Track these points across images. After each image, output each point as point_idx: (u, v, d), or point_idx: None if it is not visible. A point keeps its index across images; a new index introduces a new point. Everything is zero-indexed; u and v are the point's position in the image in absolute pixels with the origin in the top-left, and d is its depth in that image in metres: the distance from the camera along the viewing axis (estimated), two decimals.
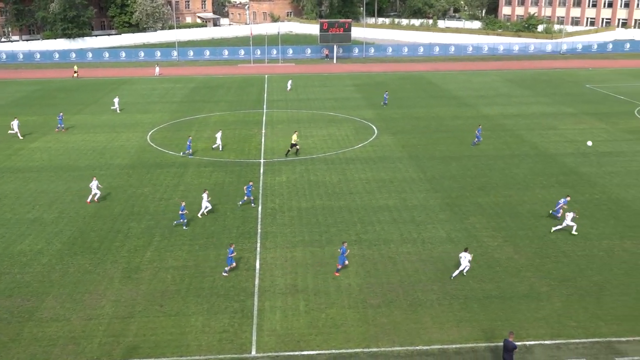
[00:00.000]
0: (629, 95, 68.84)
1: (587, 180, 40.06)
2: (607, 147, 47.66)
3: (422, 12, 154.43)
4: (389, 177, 40.84)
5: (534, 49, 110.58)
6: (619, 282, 26.81)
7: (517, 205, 35.72)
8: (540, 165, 43.38)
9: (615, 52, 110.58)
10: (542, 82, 79.36)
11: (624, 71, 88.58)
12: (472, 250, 29.84)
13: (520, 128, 54.07)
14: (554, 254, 29.56)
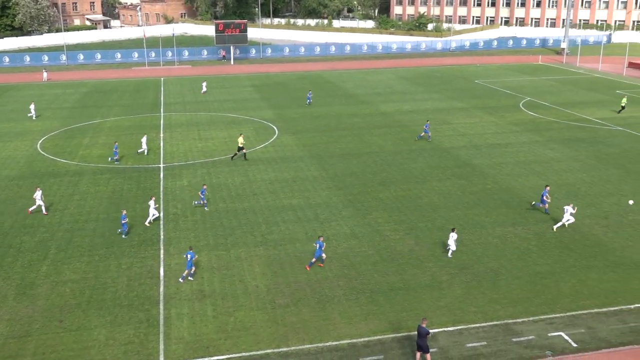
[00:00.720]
0: (514, 89, 72.70)
1: (480, 171, 41.94)
2: (497, 139, 50.10)
3: (317, 12, 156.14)
4: (292, 177, 41.02)
5: (425, 47, 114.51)
6: (512, 266, 28.27)
7: (417, 199, 36.86)
8: (436, 159, 44.96)
9: (500, 48, 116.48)
10: (434, 78, 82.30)
11: (509, 66, 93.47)
12: (375, 245, 30.53)
13: (416, 124, 55.82)
14: None
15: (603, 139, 49.92)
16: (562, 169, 42.22)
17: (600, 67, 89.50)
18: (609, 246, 30.24)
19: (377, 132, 52.85)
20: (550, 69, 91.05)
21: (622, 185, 38.75)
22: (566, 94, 69.65)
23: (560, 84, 76.99)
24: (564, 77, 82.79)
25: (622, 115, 58.05)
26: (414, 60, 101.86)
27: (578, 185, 38.94)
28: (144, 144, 46.25)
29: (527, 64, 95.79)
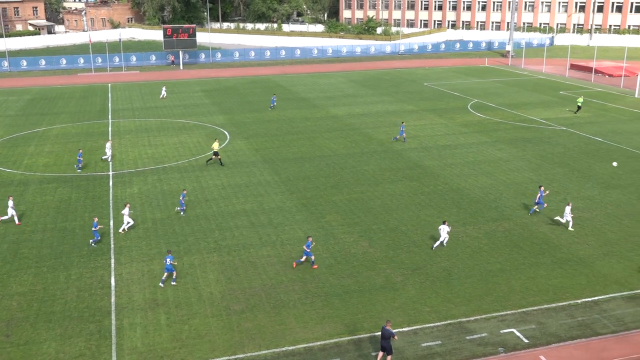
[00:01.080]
0: (462, 92, 74.07)
1: (431, 172, 42.53)
2: (447, 141, 50.91)
3: (266, 16, 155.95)
4: (245, 182, 40.79)
5: (374, 50, 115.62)
6: (464, 265, 28.74)
7: (369, 201, 37.13)
8: (387, 161, 45.39)
9: (448, 51, 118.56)
10: (384, 81, 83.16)
11: (456, 69, 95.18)
12: (330, 248, 30.61)
13: (367, 126, 56.27)
14: (405, 244, 31.07)
15: (548, 138, 51.29)
16: (510, 168, 43.18)
17: (544, 69, 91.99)
18: (556, 243, 31.05)
19: (329, 135, 53.05)
20: (496, 71, 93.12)
21: (567, 184, 39.87)
22: (512, 95, 71.32)
23: (506, 85, 78.81)
24: (509, 78, 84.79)
25: (565, 116, 59.78)
26: (363, 64, 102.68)
27: (526, 184, 39.88)
28: (108, 150, 45.36)
29: (474, 67, 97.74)
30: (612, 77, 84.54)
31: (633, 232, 32.21)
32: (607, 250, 30.23)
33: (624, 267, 28.38)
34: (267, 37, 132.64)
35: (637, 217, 34.20)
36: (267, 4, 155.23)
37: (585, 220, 33.78)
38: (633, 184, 39.62)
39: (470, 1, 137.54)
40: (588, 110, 62.56)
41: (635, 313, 24.56)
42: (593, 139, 50.74)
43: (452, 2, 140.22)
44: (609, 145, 48.80)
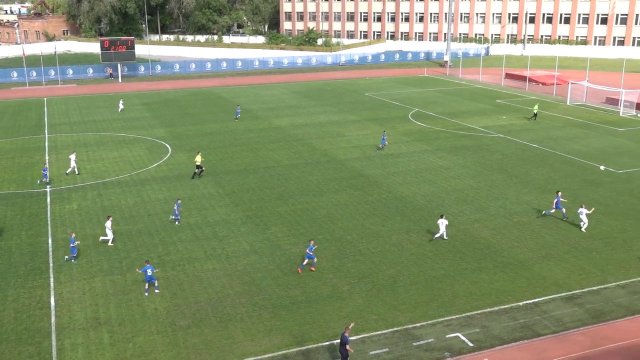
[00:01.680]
0: (402, 101, 75.25)
1: (374, 181, 42.97)
2: (389, 150, 51.56)
3: (206, 28, 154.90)
4: (188, 195, 40.25)
5: (316, 62, 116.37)
6: (409, 272, 29.10)
7: (314, 211, 37.20)
8: (331, 171, 45.64)
9: (388, 62, 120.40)
10: (326, 92, 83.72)
11: (396, 79, 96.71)
12: (276, 259, 30.49)
13: (311, 137, 56.47)
14: (351, 253, 31.24)
15: (486, 146, 52.61)
16: (451, 175, 44.06)
17: (480, 78, 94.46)
18: (497, 248, 31.81)
19: (272, 146, 52.96)
20: (435, 80, 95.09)
21: (506, 189, 40.94)
22: (451, 104, 72.92)
23: (444, 94, 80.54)
24: (448, 88, 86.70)
25: (502, 124, 61.49)
26: (305, 75, 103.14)
27: (466, 190, 40.75)
28: (72, 161, 44.46)
29: (414, 77, 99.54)
30: (545, 85, 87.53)
31: (568, 235, 33.30)
32: (546, 253, 31.15)
33: (562, 269, 29.30)
34: (208, 49, 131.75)
35: (572, 219, 35.38)
36: (207, 15, 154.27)
37: (524, 225, 34.74)
38: (567, 188, 41.00)
39: (408, 13, 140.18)
40: (524, 118, 64.52)
41: (573, 313, 25.36)
42: (529, 146, 52.33)
43: (390, 14, 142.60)
44: (544, 152, 50.43)
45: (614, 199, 38.90)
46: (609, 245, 31.89)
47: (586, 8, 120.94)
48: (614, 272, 28.91)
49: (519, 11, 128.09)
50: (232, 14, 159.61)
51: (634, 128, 59.23)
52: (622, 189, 40.79)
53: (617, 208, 37.24)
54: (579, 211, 33.90)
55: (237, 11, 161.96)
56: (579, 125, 60.14)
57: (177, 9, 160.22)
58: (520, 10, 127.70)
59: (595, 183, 42.00)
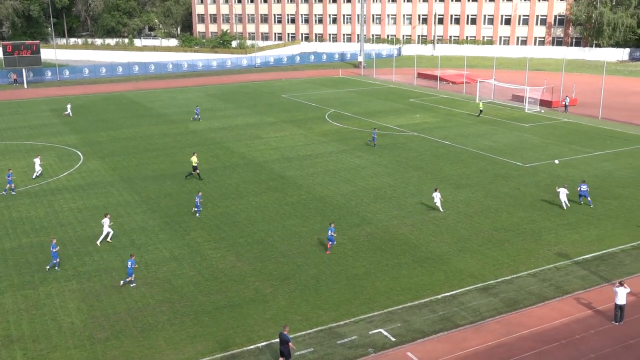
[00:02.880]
0: (318, 102, 75.83)
1: (294, 182, 43.07)
2: (307, 151, 51.84)
3: (116, 31, 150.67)
4: (103, 203, 39.01)
5: (231, 64, 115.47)
6: (331, 271, 29.34)
7: (234, 215, 36.89)
8: (250, 173, 45.40)
9: (303, 63, 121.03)
10: (242, 94, 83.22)
11: (311, 80, 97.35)
12: (197, 265, 30.03)
13: (228, 140, 55.98)
14: (273, 255, 31.18)
15: (402, 144, 53.81)
16: (369, 174, 44.78)
17: (393, 78, 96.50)
18: (415, 243, 32.58)
19: (189, 150, 52.10)
20: (350, 81, 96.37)
21: (421, 186, 42.00)
22: (366, 104, 74.12)
23: (360, 95, 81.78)
24: (363, 88, 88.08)
25: (416, 122, 63.08)
26: (220, 78, 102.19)
27: (384, 189, 41.53)
28: (37, 165, 44.21)
29: (329, 77, 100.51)
30: (455, 84, 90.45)
31: (482, 228, 34.55)
32: (461, 246, 32.19)
33: (477, 261, 30.36)
34: (119, 52, 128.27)
35: (485, 213, 36.74)
36: (116, 18, 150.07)
37: (440, 220, 35.75)
38: (479, 182, 42.53)
39: (321, 15, 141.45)
40: (436, 115, 66.42)
41: (489, 303, 26.33)
42: (442, 143, 53.92)
43: (304, 16, 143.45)
44: (457, 148, 52.09)
45: (522, 191, 40.67)
46: (520, 236, 33.31)
47: (491, 9, 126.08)
48: (525, 262, 30.22)
49: (428, 13, 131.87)
50: (142, 17, 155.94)
51: (538, 123, 62.16)
52: (529, 181, 42.71)
53: (526, 200, 38.96)
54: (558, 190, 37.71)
55: (148, 13, 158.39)
56: (488, 122, 62.50)
57: (85, 11, 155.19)
58: (429, 11, 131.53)
59: (505, 177, 43.77)
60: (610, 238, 32.94)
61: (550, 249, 31.58)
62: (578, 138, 55.51)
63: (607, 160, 47.91)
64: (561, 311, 25.59)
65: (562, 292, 27.19)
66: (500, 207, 37.83)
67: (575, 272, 29.06)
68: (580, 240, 32.64)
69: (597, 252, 31.18)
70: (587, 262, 30.17)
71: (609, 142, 53.87)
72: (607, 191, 40.39)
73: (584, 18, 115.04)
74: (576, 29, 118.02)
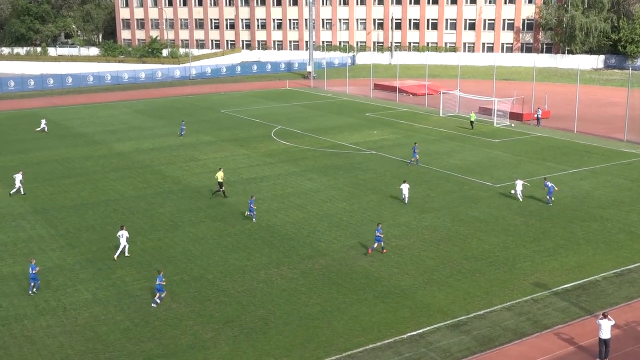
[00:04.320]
0: (263, 118, 75.90)
1: (237, 210, 42.80)
2: (251, 173, 51.68)
3: (27, 38, 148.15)
4: (12, 239, 37.95)
5: (162, 76, 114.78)
6: (281, 311, 29.12)
7: (168, 249, 36.37)
8: (186, 201, 44.94)
9: (244, 74, 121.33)
10: (176, 110, 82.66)
11: (255, 93, 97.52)
12: (124, 308, 29.40)
13: (160, 163, 55.38)
14: (214, 295, 30.80)
15: (359, 164, 54.21)
16: (322, 199, 44.88)
17: (347, 90, 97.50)
18: (376, 276, 32.68)
19: (114, 175, 51.34)
20: (298, 94, 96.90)
21: (381, 211, 42.30)
22: (317, 120, 74.56)
23: (310, 109, 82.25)
24: (313, 102, 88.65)
25: (374, 139, 63.73)
26: (150, 91, 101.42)
27: (340, 215, 41.64)
28: (17, 181, 46.36)
29: (274, 90, 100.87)
30: (417, 95, 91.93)
31: (450, 257, 34.93)
32: (428, 278, 32.44)
33: (446, 295, 30.61)
34: (30, 63, 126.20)
35: (453, 240, 37.19)
36: (26, 24, 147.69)
37: (404, 249, 36.01)
38: (446, 206, 43.10)
39: (264, 19, 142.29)
40: (396, 131, 67.25)
41: (460, 342, 26.52)
42: (403, 162, 54.52)
43: (245, 21, 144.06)
44: (419, 168, 52.75)
45: (493, 214, 41.38)
46: (492, 265, 33.80)
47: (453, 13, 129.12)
48: (498, 294, 30.63)
49: (384, 17, 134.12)
50: (58, 22, 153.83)
51: (508, 139, 63.59)
52: (500, 204, 43.50)
53: (498, 224, 39.64)
54: (516, 182, 43.36)
55: (64, 18, 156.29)
56: (454, 138, 63.61)
57: None
58: (385, 15, 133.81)
59: (474, 199, 44.48)
60: (591, 265, 33.74)
61: (526, 279, 32.12)
62: (552, 154, 56.99)
63: (585, 178, 49.28)
64: (540, 348, 25.96)
65: (541, 327, 27.62)
66: (469, 232, 38.36)
67: (555, 303, 29.60)
68: (559, 268, 33.32)
69: (577, 281, 31.87)
70: (567, 292, 30.79)
71: (585, 158, 55.47)
72: (585, 213, 41.46)
73: (554, 22, 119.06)
74: (546, 34, 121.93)
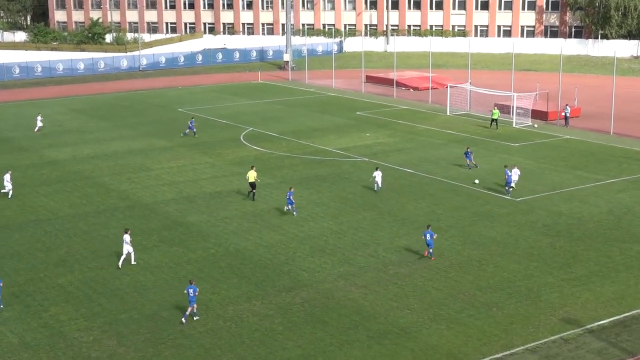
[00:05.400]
0: (231, 118, 75.87)
1: (198, 231, 42.68)
2: (216, 186, 51.56)
3: None
4: None
5: (105, 66, 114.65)
6: (253, 356, 28.98)
7: (114, 279, 36.16)
8: (135, 220, 44.76)
9: (207, 64, 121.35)
10: (122, 109, 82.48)
11: (221, 88, 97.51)
12: (59, 355, 29.22)
13: (103, 174, 55.16)
14: (170, 336, 30.67)
15: (348, 174, 54.25)
16: (304, 217, 44.82)
17: (334, 84, 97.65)
18: (370, 312, 32.65)
19: (46, 190, 51.13)
20: (274, 88, 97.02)
21: (377, 232, 42.28)
22: (297, 120, 74.63)
23: (288, 107, 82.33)
24: (292, 98, 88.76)
25: (366, 143, 63.93)
26: (90, 86, 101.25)
27: (325, 237, 41.61)
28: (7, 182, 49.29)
29: (245, 84, 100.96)
30: (418, 90, 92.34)
31: (461, 287, 34.94)
32: (434, 313, 32.45)
33: (456, 334, 30.62)
34: None
35: (464, 266, 37.23)
36: None
37: (404, 277, 35.99)
38: (455, 225, 43.18)
39: None
40: (393, 134, 67.47)
41: None
42: (403, 171, 54.66)
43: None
44: (423, 178, 52.88)
45: (513, 235, 41.50)
46: (512, 297, 33.86)
47: None
48: (520, 332, 30.67)
49: None
50: None
51: (530, 142, 63.93)
52: (522, 221, 43.66)
53: (519, 247, 39.76)
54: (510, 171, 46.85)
55: None
56: (464, 142, 63.77)
57: None
58: None
59: (489, 216, 44.63)
60: (632, 296, 33.89)
61: (554, 314, 32.22)
62: (584, 161, 57.36)
63: (624, 190, 49.64)
64: None
65: None
66: (484, 257, 38.44)
67: (589, 344, 29.68)
68: (594, 300, 33.44)
69: (616, 316, 31.96)
70: (604, 329, 30.89)
71: (624, 165, 55.87)
72: (625, 232, 41.72)
73: (585, 0, 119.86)
74: (575, 14, 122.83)
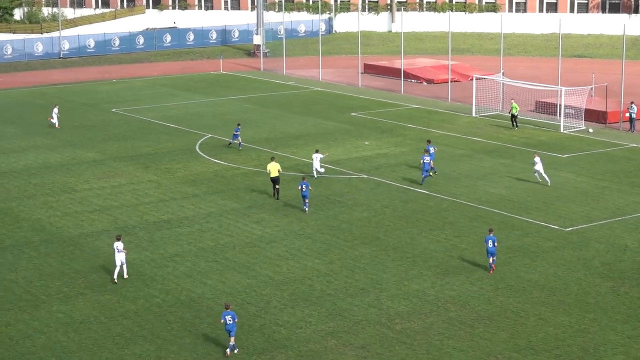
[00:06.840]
0: (182, 121, 75.73)
1: (138, 273, 42.43)
2: (162, 213, 51.33)
3: None
4: None
5: (13, 52, 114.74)
6: None
7: (23, 340, 35.84)
8: (54, 258, 44.56)
9: (149, 49, 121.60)
10: (36, 108, 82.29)
11: (169, 80, 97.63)
12: None
13: (10, 197, 55.00)
14: None
15: (340, 195, 54.12)
16: (280, 254, 44.62)
17: (320, 75, 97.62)
18: None
19: None
20: (240, 81, 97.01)
21: (379, 274, 42.09)
22: (272, 123, 74.60)
23: (259, 106, 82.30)
24: (264, 94, 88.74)
25: (365, 154, 63.97)
26: None
27: (309, 280, 41.42)
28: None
29: (201, 75, 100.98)
30: (433, 83, 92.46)
31: (493, 347, 34.69)
32: None
33: None
34: None
35: (496, 319, 36.99)
36: None
37: (415, 334, 35.75)
38: (484, 264, 42.96)
39: None
40: (400, 142, 67.42)
41: None
42: (413, 191, 54.61)
43: None
44: (440, 200, 52.77)
45: (562, 277, 41.40)
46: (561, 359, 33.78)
47: None
48: None
49: None
50: None
51: (584, 153, 63.99)
52: (574, 259, 43.56)
53: (570, 293, 39.64)
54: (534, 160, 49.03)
55: None
56: (494, 152, 63.85)
57: None
58: None
59: (529, 252, 44.53)
60: None
61: None
62: None
63: None
64: None
65: None
66: (523, 307, 38.33)
67: None
68: None
69: None
70: None
71: None
72: None
73: None
74: None
